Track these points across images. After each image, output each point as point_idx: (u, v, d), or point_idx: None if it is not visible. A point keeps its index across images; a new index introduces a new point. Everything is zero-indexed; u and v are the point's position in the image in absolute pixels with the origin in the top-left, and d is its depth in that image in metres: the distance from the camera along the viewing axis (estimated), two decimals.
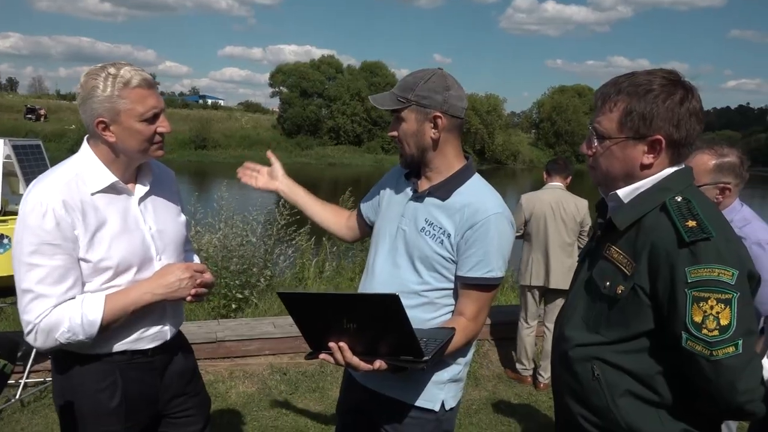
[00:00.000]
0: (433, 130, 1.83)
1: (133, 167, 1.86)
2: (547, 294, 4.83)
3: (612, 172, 1.55)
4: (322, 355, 1.65)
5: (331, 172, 43.73)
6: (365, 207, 2.20)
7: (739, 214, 2.41)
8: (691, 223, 1.37)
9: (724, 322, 1.31)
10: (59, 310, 1.68)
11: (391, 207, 2.01)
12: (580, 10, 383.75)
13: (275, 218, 7.54)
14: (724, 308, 1.31)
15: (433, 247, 1.83)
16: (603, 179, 1.58)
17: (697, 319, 1.33)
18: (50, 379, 4.15)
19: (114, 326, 1.75)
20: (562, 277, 4.65)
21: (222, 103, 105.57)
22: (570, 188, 4.91)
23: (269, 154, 2.29)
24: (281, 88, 58.46)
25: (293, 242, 7.91)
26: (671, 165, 1.51)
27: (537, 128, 68.45)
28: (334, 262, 8.25)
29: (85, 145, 1.81)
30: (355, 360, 1.61)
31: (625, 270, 1.46)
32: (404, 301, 1.84)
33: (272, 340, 4.78)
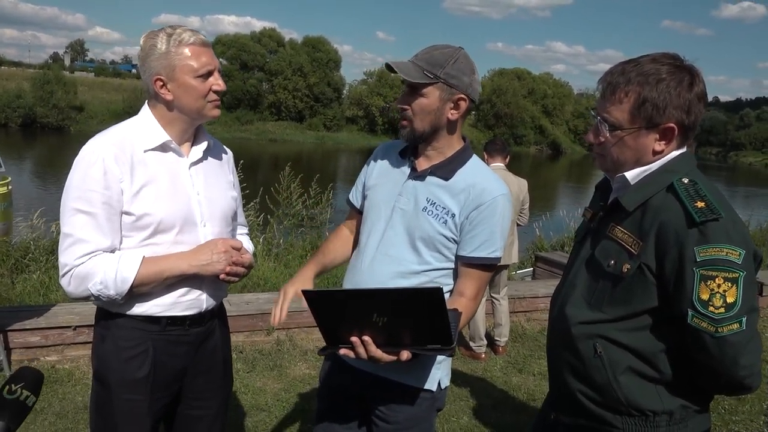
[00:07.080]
0: (452, 111, 1.80)
1: (189, 131, 1.88)
2: None
3: (622, 160, 1.55)
4: (343, 351, 1.58)
5: (272, 149, 43.02)
6: (356, 198, 2.08)
7: None
8: (701, 204, 1.39)
9: (730, 299, 1.35)
10: (96, 261, 1.71)
11: (385, 185, 1.94)
12: None
13: None
14: (731, 287, 1.35)
15: (436, 227, 1.80)
16: (612, 166, 1.59)
17: (704, 296, 1.36)
18: None
19: (145, 290, 1.76)
20: (506, 254, 4.93)
21: None
22: (508, 168, 5.04)
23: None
24: (221, 60, 56.62)
25: None
26: (678, 148, 1.53)
27: (477, 110, 69.24)
28: (281, 239, 8.08)
29: (144, 108, 1.87)
30: (379, 353, 1.54)
31: (632, 249, 1.48)
32: (403, 282, 1.82)
33: (227, 319, 4.65)
